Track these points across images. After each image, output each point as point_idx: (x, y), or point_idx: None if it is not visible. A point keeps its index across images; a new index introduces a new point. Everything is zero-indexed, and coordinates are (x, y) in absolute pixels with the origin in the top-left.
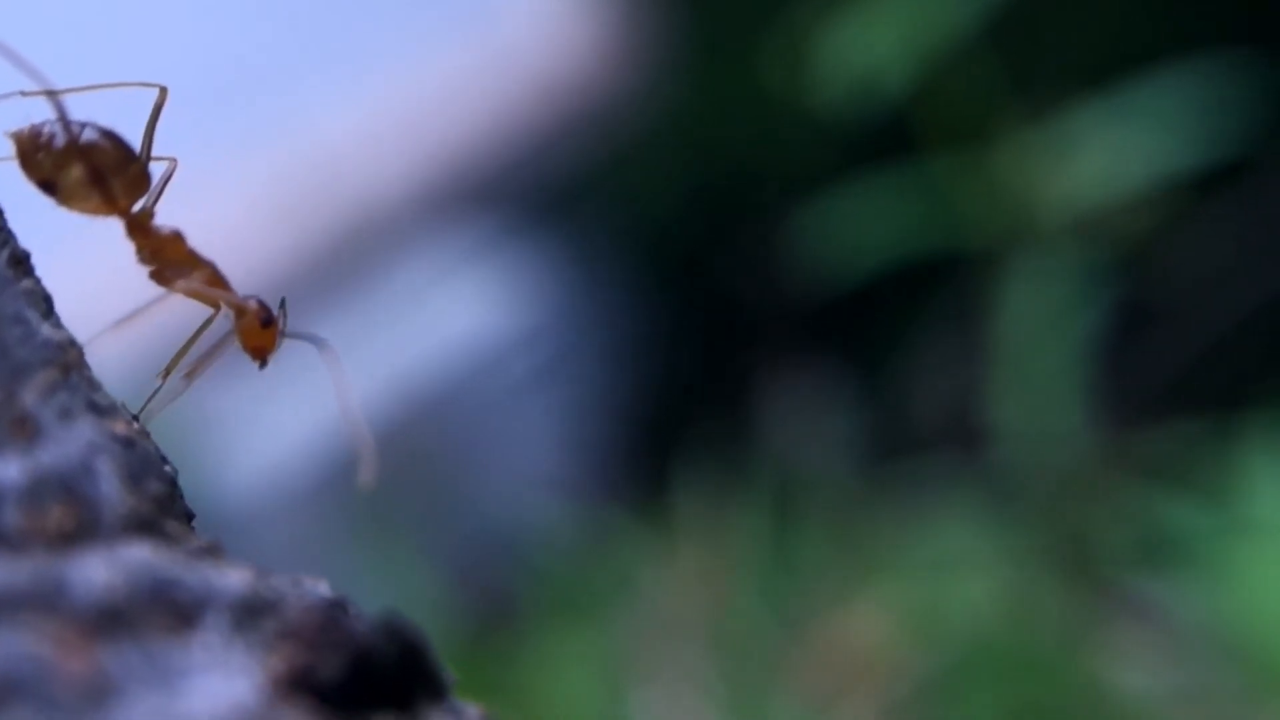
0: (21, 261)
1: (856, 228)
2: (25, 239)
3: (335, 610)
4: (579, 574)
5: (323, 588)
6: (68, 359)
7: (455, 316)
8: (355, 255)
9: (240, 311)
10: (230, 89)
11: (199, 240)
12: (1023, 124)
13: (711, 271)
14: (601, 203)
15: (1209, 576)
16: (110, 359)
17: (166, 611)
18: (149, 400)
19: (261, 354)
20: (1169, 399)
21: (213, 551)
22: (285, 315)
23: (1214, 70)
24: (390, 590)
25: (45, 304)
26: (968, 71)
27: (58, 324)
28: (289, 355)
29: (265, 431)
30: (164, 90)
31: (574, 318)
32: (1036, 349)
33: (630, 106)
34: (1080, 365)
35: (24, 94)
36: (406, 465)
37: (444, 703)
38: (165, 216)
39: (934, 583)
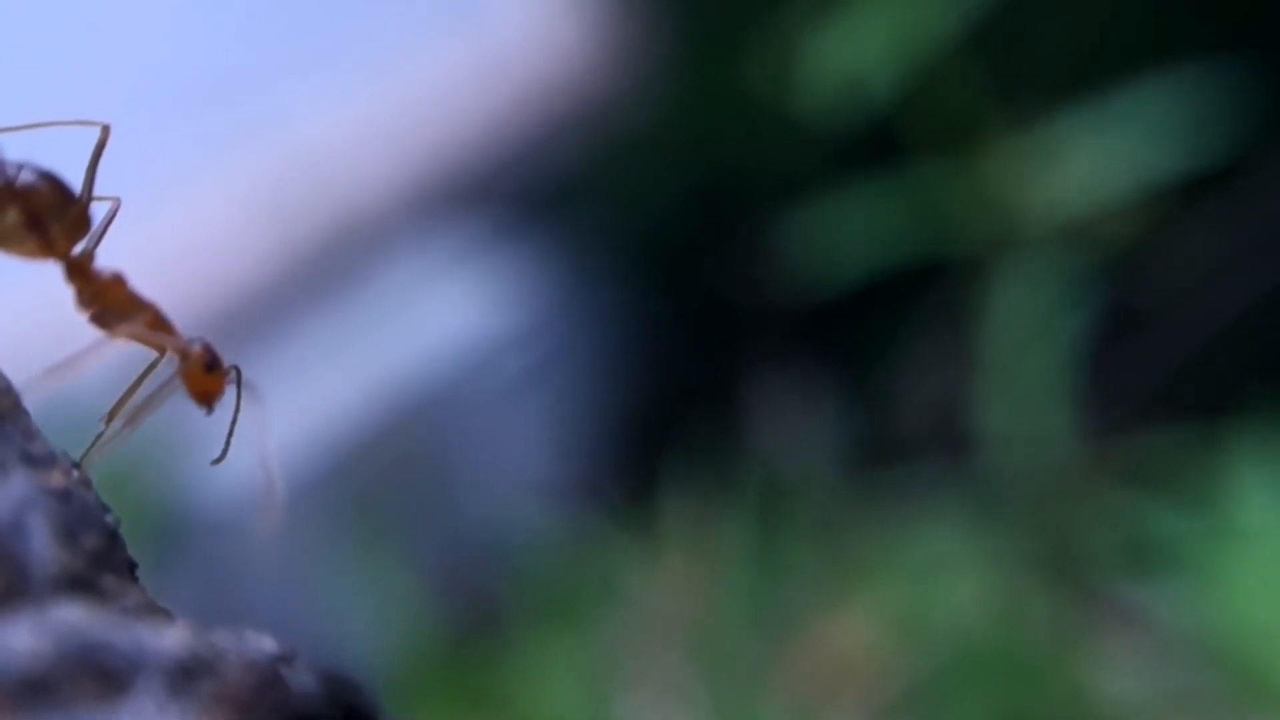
0: None
1: (844, 232)
2: None
3: (275, 669)
4: (565, 579)
5: (267, 643)
6: (0, 408)
7: (444, 318)
8: (343, 256)
9: (184, 355)
10: (216, 89)
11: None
12: (1009, 129)
13: (700, 275)
14: (591, 204)
15: (1195, 582)
16: (49, 404)
17: (95, 677)
18: (90, 447)
19: (207, 399)
20: (1155, 404)
21: (150, 608)
22: (240, 378)
23: (1200, 76)
24: (374, 595)
25: None
26: (954, 76)
27: None
28: (276, 361)
29: (248, 437)
30: (106, 128)
31: (562, 320)
32: (1023, 354)
33: (620, 107)
34: (1066, 370)
35: None
36: (393, 468)
37: None
38: (155, 218)
39: (920, 587)
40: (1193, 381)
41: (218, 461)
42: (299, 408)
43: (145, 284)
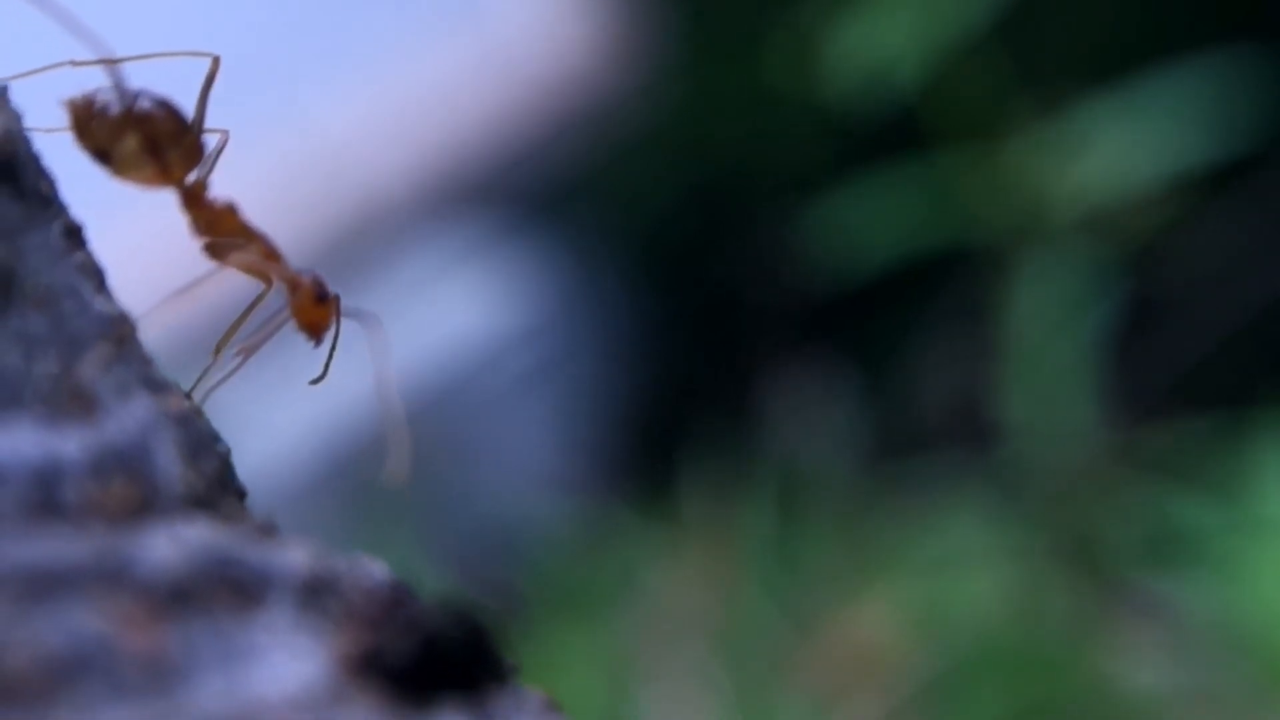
0: (75, 234)
1: (864, 223)
2: (77, 210)
3: (400, 592)
4: (583, 571)
5: (380, 568)
6: (121, 333)
7: (454, 313)
8: (353, 252)
9: (294, 286)
10: (228, 85)
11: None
12: (1032, 120)
13: (714, 267)
14: (600, 199)
15: (1218, 574)
16: (162, 334)
17: (230, 590)
18: (201, 377)
19: (316, 330)
20: (1178, 395)
21: (267, 530)
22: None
23: (1224, 66)
24: None
25: (98, 277)
26: (977, 67)
27: (110, 298)
28: (290, 350)
29: (264, 426)
30: (216, 60)
31: (574, 314)
32: (1045, 345)
33: (628, 103)
34: (1089, 361)
35: (75, 63)
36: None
37: (508, 687)
38: (168, 211)
39: (940, 580)
40: (1215, 373)
41: (317, 382)
42: (310, 402)
43: (157, 277)
